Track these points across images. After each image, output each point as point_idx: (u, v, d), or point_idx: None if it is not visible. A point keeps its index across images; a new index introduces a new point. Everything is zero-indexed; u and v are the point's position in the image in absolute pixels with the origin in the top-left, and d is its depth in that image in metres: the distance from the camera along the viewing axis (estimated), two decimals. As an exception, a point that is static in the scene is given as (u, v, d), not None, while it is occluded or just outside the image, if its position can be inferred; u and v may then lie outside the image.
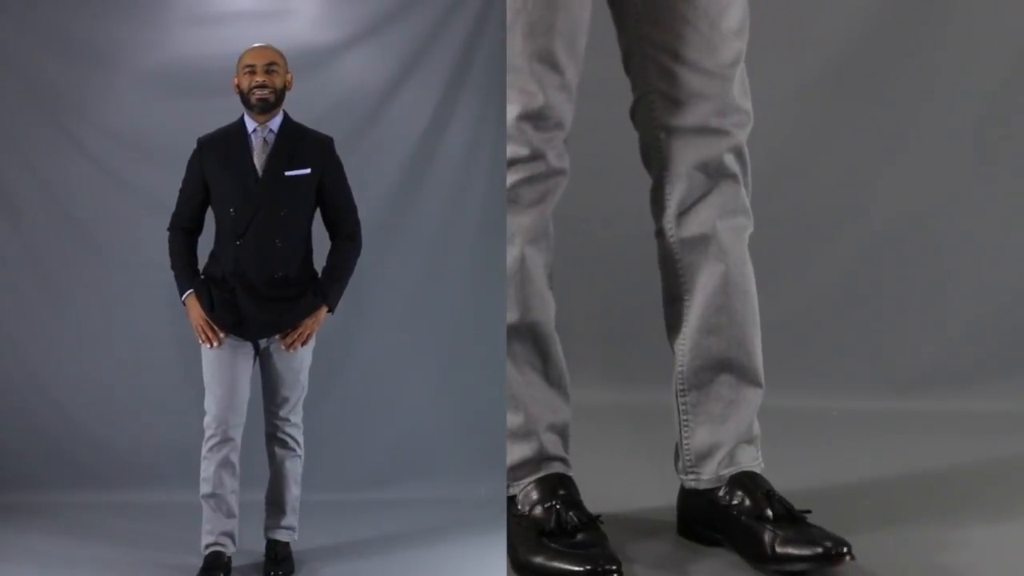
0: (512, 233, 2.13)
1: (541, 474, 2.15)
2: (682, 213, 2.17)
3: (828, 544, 1.94)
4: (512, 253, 2.13)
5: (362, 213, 3.54)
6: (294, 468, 2.80)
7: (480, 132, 3.56)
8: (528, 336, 2.14)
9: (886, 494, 2.53)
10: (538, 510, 2.09)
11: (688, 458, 2.20)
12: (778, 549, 1.97)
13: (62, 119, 3.46)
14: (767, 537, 1.99)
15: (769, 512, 2.03)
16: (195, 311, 2.66)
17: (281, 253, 2.67)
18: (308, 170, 2.71)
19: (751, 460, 2.17)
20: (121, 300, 3.46)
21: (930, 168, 3.53)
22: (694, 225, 2.16)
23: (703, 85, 2.11)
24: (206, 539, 2.67)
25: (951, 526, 2.31)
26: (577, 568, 1.96)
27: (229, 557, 2.67)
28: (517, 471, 2.17)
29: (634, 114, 2.23)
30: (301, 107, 3.25)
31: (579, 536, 2.04)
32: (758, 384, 2.20)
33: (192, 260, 2.72)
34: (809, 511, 2.06)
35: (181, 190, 2.73)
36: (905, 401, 3.33)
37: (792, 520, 2.03)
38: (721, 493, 2.13)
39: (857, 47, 3.53)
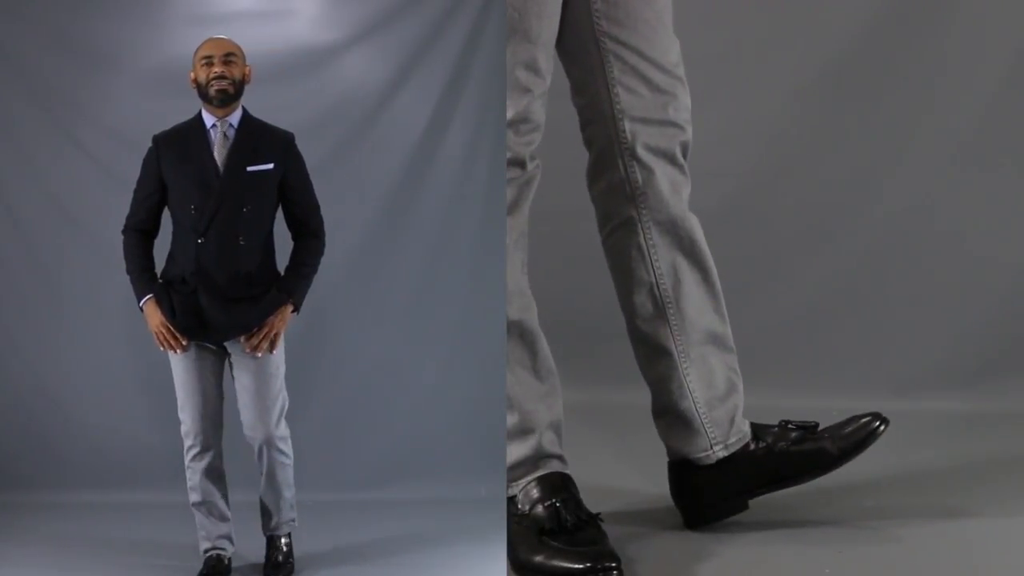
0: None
1: (540, 472, 2.15)
2: (663, 198, 2.25)
3: (866, 419, 2.29)
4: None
5: (362, 213, 3.55)
6: (286, 476, 2.75)
7: (480, 132, 3.56)
8: (514, 334, 2.16)
9: (886, 494, 2.53)
10: (539, 509, 2.09)
11: (714, 433, 2.28)
12: (840, 445, 2.26)
13: (62, 119, 3.45)
14: (823, 445, 2.27)
15: (804, 431, 2.28)
16: (155, 318, 2.61)
17: (244, 251, 2.61)
18: (271, 165, 2.65)
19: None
20: (121, 300, 3.45)
21: (930, 168, 3.53)
22: (669, 209, 2.28)
23: (662, 81, 2.22)
24: (203, 544, 2.66)
25: (951, 526, 2.30)
26: (578, 566, 1.97)
27: (229, 559, 2.67)
28: (515, 470, 2.17)
29: (585, 108, 2.30)
30: (301, 107, 3.25)
31: (579, 534, 2.04)
32: (733, 350, 2.36)
33: (149, 264, 2.67)
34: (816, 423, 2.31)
35: (136, 190, 2.68)
36: (905, 401, 3.32)
37: (815, 426, 2.31)
38: (752, 447, 2.25)
39: (857, 47, 3.53)
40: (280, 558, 2.73)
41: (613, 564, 1.96)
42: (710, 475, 2.29)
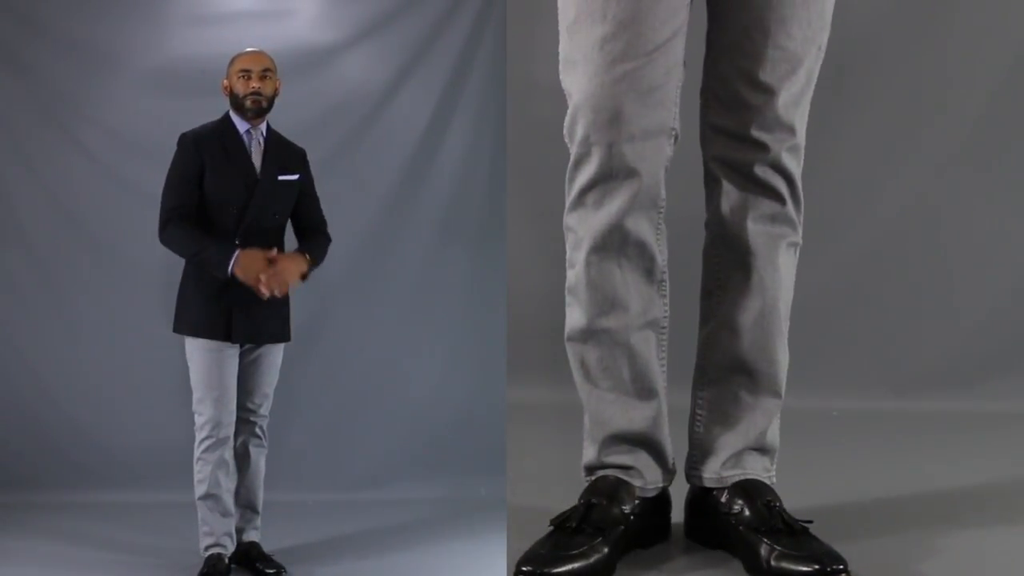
0: (581, 237, 2.06)
1: (593, 478, 2.09)
2: (721, 211, 2.10)
3: (825, 560, 1.90)
4: (578, 257, 2.07)
5: (363, 212, 3.56)
6: (263, 463, 2.80)
7: (480, 132, 3.57)
8: (593, 342, 2.07)
9: (886, 494, 2.53)
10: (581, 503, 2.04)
11: (694, 453, 2.16)
12: (773, 564, 1.92)
13: (62, 119, 3.46)
14: (763, 551, 1.94)
15: (767, 525, 1.97)
16: (258, 261, 2.61)
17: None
18: (296, 176, 2.75)
19: (761, 470, 2.11)
20: (121, 300, 3.46)
21: (931, 170, 3.53)
22: (731, 226, 2.07)
23: (748, 95, 2.03)
24: (206, 541, 2.67)
25: (951, 526, 2.30)
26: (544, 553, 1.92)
27: (230, 558, 2.68)
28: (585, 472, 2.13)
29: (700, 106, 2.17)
30: (302, 107, 3.25)
31: (576, 538, 1.99)
32: (776, 394, 2.14)
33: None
34: (810, 522, 2.04)
35: (179, 183, 2.67)
36: (905, 401, 3.32)
37: (791, 533, 1.97)
38: (723, 499, 2.08)
39: (857, 47, 3.53)
40: (263, 556, 2.75)
41: (525, 569, 1.90)
42: (695, 498, 2.19)
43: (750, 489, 2.06)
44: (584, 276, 2.05)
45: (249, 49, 2.76)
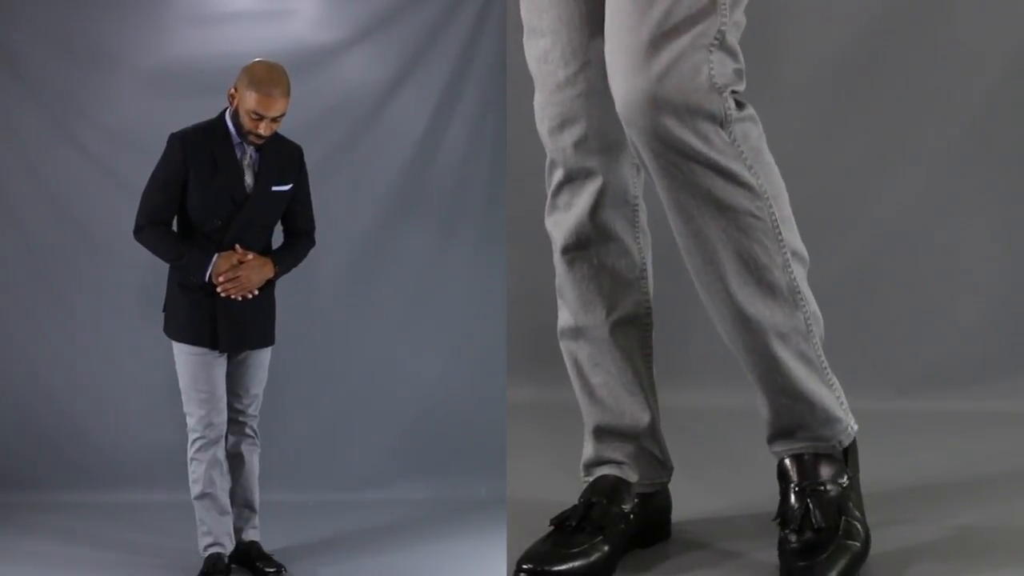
0: (556, 238, 2.06)
1: (591, 477, 2.08)
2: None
3: None
4: (557, 258, 2.07)
5: (363, 212, 3.56)
6: (256, 462, 2.81)
7: (480, 132, 3.57)
8: (583, 340, 2.06)
9: (886, 494, 2.52)
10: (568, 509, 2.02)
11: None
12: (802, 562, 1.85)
13: (62, 119, 3.46)
14: (785, 547, 1.88)
15: (794, 520, 1.91)
16: (229, 261, 2.63)
17: None
18: (290, 186, 2.73)
19: (810, 437, 1.98)
20: (120, 300, 3.46)
21: (930, 169, 3.52)
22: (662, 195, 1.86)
23: (619, 54, 1.81)
24: (204, 540, 2.67)
25: (950, 526, 2.30)
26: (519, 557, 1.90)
27: (229, 557, 2.68)
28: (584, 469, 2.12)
29: None
30: (302, 107, 3.24)
31: (576, 536, 1.99)
32: (767, 383, 1.95)
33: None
34: (841, 523, 1.98)
35: (161, 187, 2.66)
36: (905, 401, 3.32)
37: (806, 549, 1.89)
38: (786, 467, 1.94)
39: (857, 47, 3.52)
40: (263, 555, 2.75)
41: (530, 568, 1.87)
42: None
43: (796, 465, 1.97)
44: (564, 276, 2.07)
45: (271, 73, 2.64)
